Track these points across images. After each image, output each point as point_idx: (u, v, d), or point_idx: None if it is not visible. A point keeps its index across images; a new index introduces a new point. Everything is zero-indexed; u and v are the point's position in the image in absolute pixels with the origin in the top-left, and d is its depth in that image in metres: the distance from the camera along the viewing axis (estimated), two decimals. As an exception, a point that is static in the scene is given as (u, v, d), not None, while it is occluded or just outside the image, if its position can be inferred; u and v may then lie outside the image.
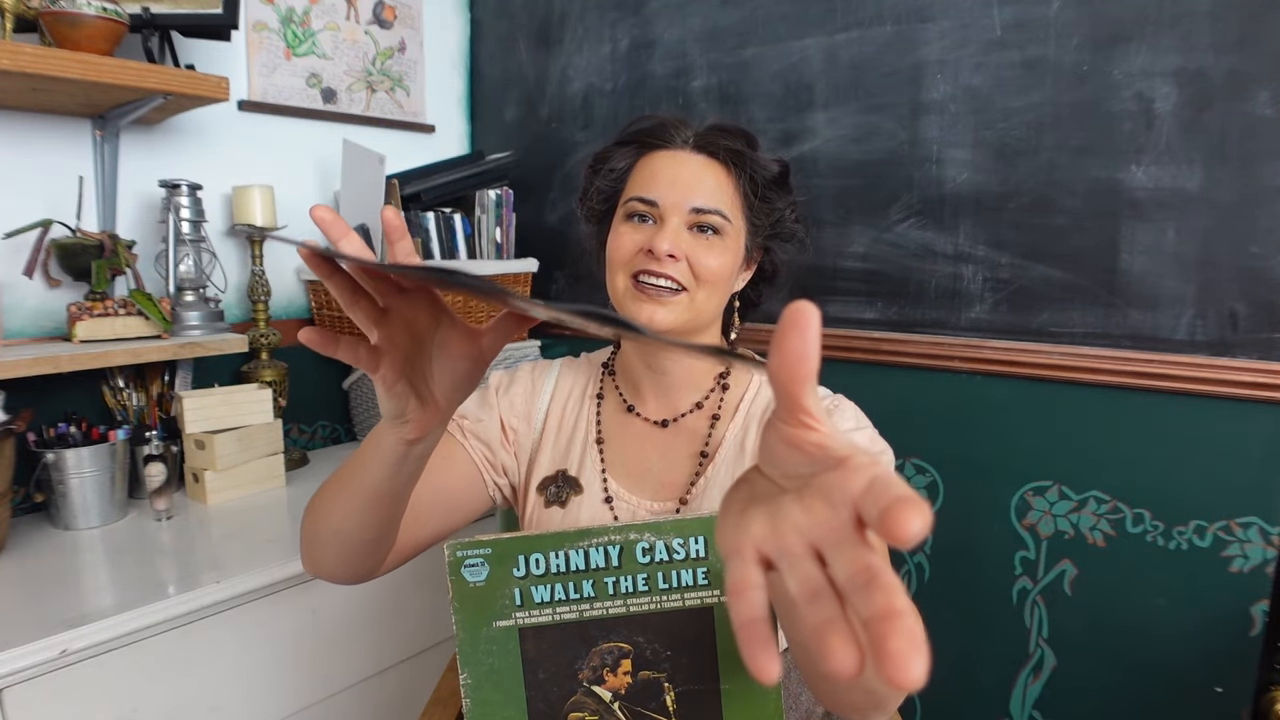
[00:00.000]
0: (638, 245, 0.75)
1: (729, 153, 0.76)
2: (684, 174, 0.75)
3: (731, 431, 0.80)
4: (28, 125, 1.28)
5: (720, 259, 0.75)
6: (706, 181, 0.75)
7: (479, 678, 0.69)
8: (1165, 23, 1.03)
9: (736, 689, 0.69)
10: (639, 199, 0.76)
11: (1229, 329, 1.03)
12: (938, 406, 1.26)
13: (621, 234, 0.77)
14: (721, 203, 0.75)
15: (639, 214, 0.76)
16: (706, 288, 0.75)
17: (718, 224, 0.75)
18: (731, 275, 0.78)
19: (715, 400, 0.82)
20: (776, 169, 0.79)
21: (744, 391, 0.83)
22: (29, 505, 1.24)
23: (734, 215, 0.76)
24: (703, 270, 0.74)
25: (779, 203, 0.79)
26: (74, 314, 1.24)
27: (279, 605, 1.09)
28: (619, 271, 0.76)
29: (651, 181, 0.76)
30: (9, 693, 0.86)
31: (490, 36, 1.91)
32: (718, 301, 0.77)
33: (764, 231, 0.80)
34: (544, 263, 1.76)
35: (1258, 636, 1.04)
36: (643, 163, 0.78)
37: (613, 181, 0.80)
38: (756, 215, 0.78)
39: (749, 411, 0.81)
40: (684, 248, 0.74)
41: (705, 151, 0.77)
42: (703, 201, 0.74)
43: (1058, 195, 1.13)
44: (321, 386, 1.71)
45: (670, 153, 0.77)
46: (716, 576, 0.69)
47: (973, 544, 1.25)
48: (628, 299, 0.75)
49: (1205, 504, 1.06)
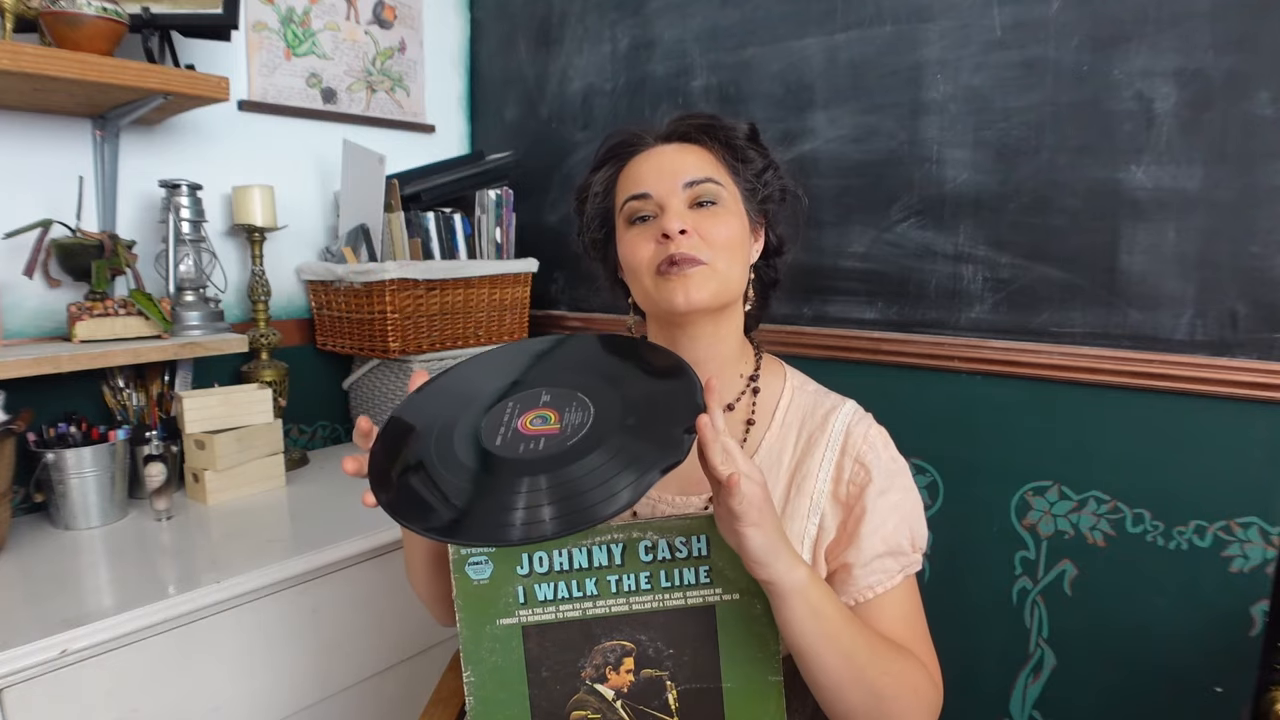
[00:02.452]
0: (650, 240, 0.76)
1: (698, 129, 0.79)
2: (666, 162, 0.78)
3: (769, 440, 0.80)
4: (28, 125, 1.28)
5: (727, 224, 0.76)
6: (688, 159, 0.78)
7: (482, 675, 0.69)
8: (1165, 23, 1.03)
9: (738, 688, 0.69)
10: (634, 197, 0.78)
11: (1229, 329, 1.03)
12: (938, 406, 1.26)
13: (631, 239, 0.78)
14: (709, 171, 0.77)
15: (639, 214, 0.78)
16: (725, 255, 0.75)
17: (714, 192, 0.77)
18: (744, 241, 0.79)
19: (748, 404, 0.82)
20: (746, 128, 0.82)
21: (778, 399, 0.82)
22: (29, 505, 1.24)
23: (725, 180, 0.78)
24: (715, 238, 0.75)
25: (759, 160, 0.81)
26: (74, 314, 1.24)
27: (279, 605, 1.09)
28: (643, 274, 0.77)
29: (638, 180, 0.78)
30: (9, 693, 0.86)
31: (490, 36, 1.91)
32: (740, 270, 0.78)
33: (757, 192, 0.81)
34: (544, 263, 1.76)
35: (1258, 636, 1.04)
36: (624, 172, 0.81)
37: (602, 202, 0.83)
38: (744, 177, 0.80)
39: (785, 420, 0.81)
40: (691, 222, 0.75)
41: (676, 138, 0.80)
42: (692, 174, 0.76)
43: (1058, 195, 1.13)
44: (321, 386, 1.71)
45: (645, 153, 0.80)
46: (718, 575, 0.69)
47: (973, 544, 1.25)
48: (658, 290, 0.76)
49: (1205, 504, 1.06)
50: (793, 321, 1.40)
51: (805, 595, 0.62)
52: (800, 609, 0.62)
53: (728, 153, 0.79)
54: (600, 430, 0.61)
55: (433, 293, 1.57)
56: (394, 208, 1.58)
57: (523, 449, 0.61)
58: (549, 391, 0.67)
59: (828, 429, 0.78)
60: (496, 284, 1.69)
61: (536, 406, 0.65)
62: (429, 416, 0.67)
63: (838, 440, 0.78)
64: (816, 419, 0.80)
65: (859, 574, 0.74)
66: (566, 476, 0.58)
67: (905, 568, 0.75)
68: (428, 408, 0.68)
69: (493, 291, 1.69)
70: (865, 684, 0.65)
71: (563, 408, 0.64)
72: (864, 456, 0.76)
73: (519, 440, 0.62)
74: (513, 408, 0.66)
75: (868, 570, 0.74)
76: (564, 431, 0.62)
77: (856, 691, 0.65)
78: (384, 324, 1.51)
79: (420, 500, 0.59)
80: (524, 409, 0.65)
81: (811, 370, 0.88)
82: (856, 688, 0.65)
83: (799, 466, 0.78)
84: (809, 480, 0.77)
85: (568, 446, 0.60)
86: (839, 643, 0.64)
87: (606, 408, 0.63)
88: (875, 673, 0.66)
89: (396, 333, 1.52)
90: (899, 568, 0.74)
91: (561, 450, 0.60)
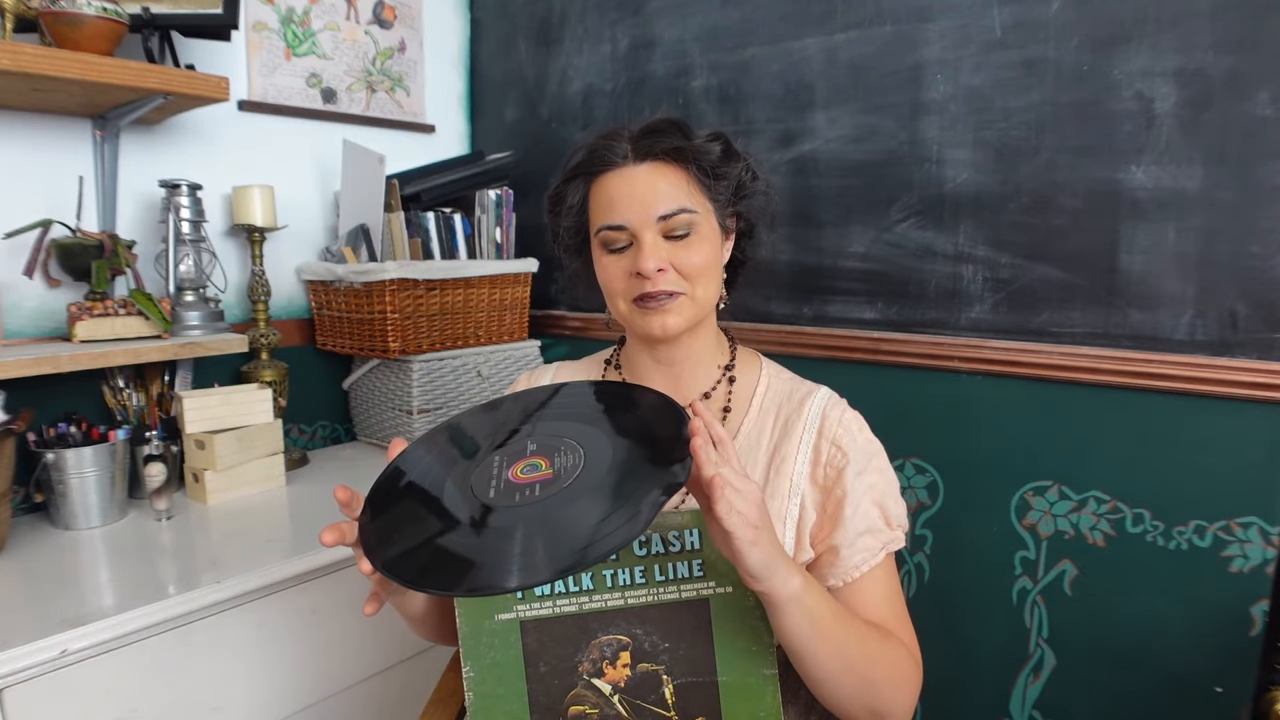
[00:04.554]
0: (625, 271, 0.78)
1: (669, 152, 0.78)
2: (638, 189, 0.77)
3: (747, 426, 0.83)
4: (28, 125, 1.29)
5: (702, 252, 0.78)
6: (660, 187, 0.77)
7: (481, 671, 0.70)
8: (1165, 23, 1.03)
9: (734, 681, 0.69)
10: (609, 227, 0.78)
11: (1229, 329, 1.03)
12: (938, 406, 1.26)
13: (606, 266, 0.80)
14: (683, 200, 0.77)
15: (615, 244, 0.79)
16: (701, 281, 0.78)
17: (688, 222, 0.77)
18: (718, 260, 0.82)
19: (724, 392, 0.85)
20: (718, 148, 0.80)
21: (754, 386, 0.85)
22: (29, 505, 1.24)
23: (698, 204, 0.78)
24: (690, 269, 0.77)
25: (732, 172, 0.81)
26: (74, 314, 1.24)
27: (279, 605, 1.09)
28: (618, 299, 0.80)
29: (611, 208, 0.78)
30: (9, 693, 0.86)
31: (490, 36, 1.91)
32: (715, 286, 0.81)
33: (730, 202, 0.82)
34: (544, 263, 1.76)
35: (1258, 636, 1.04)
36: (596, 189, 0.80)
37: (576, 216, 0.83)
38: (717, 193, 0.80)
39: (762, 407, 0.83)
40: (666, 257, 0.76)
41: (649, 159, 0.78)
42: (665, 207, 0.76)
43: (1058, 195, 1.13)
44: (321, 386, 1.71)
45: (617, 172, 0.79)
46: (711, 568, 0.70)
47: (973, 544, 1.25)
48: (635, 318, 0.80)
49: (1205, 504, 1.06)
50: (793, 321, 1.40)
51: (801, 603, 0.63)
52: (795, 615, 0.63)
53: (700, 172, 0.78)
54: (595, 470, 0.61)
55: (433, 293, 1.57)
56: (394, 208, 1.58)
57: (518, 497, 0.61)
58: (534, 441, 0.67)
59: (804, 413, 0.81)
60: (496, 284, 1.69)
61: (524, 456, 0.65)
62: (416, 479, 0.67)
63: (814, 424, 0.80)
64: (793, 403, 0.82)
65: (845, 554, 0.76)
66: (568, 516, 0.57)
67: (886, 545, 0.77)
68: (413, 470, 0.68)
69: (493, 291, 1.69)
70: (856, 673, 0.68)
71: (552, 454, 0.64)
72: (840, 440, 0.78)
73: (513, 489, 0.62)
74: (499, 461, 0.65)
75: (853, 550, 0.76)
76: (558, 475, 0.62)
77: (848, 680, 0.68)
78: (384, 324, 1.51)
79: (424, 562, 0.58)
80: (511, 460, 0.65)
81: (811, 370, 0.88)
82: (848, 677, 0.68)
83: (777, 449, 0.80)
84: (787, 462, 0.79)
85: (565, 488, 0.60)
86: (831, 640, 0.66)
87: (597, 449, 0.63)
88: (865, 662, 0.68)
89: (396, 333, 1.52)
90: (880, 545, 0.77)
91: (559, 491, 0.60)
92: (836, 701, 0.70)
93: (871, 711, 0.70)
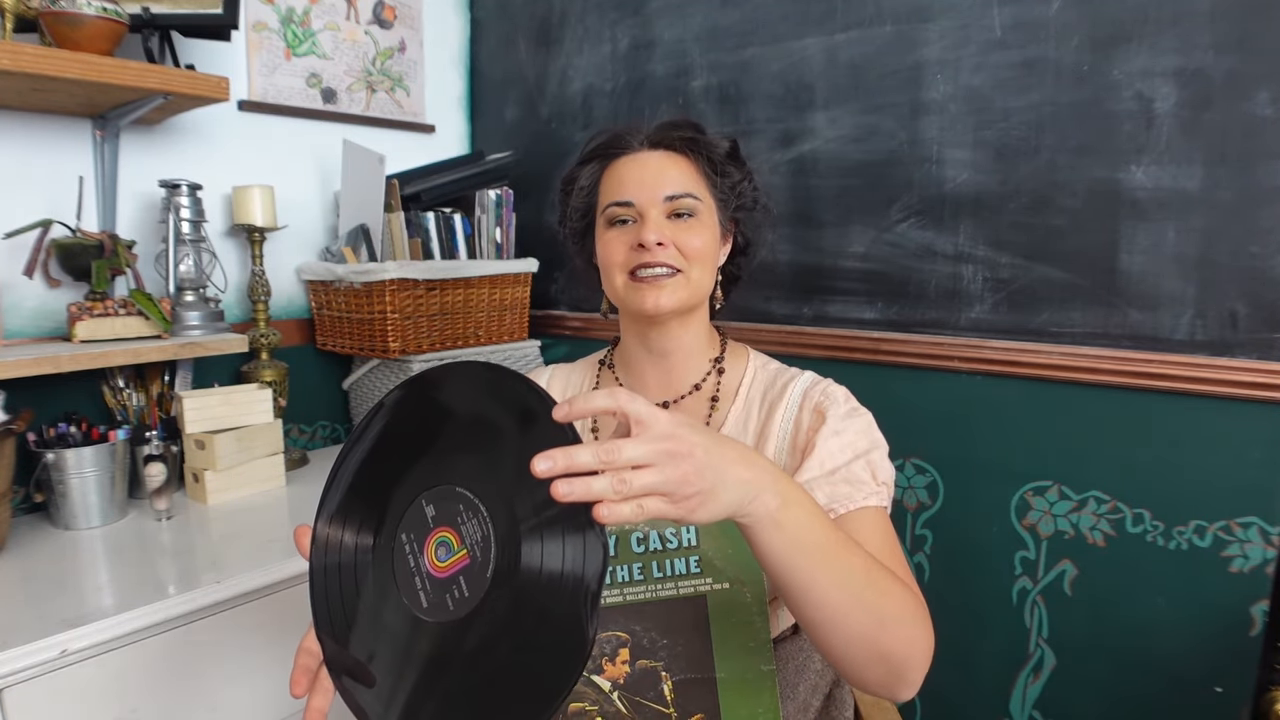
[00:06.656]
0: (627, 244, 0.81)
1: (683, 141, 0.83)
2: (649, 171, 0.82)
3: (734, 414, 0.84)
4: (28, 125, 1.28)
5: (702, 236, 0.81)
6: (671, 172, 0.82)
7: None
8: (1165, 23, 1.03)
9: (732, 677, 0.70)
10: (616, 203, 0.82)
11: (1229, 329, 1.03)
12: (938, 406, 1.26)
13: (609, 239, 0.83)
14: (689, 186, 0.82)
15: (620, 218, 0.82)
16: (698, 265, 0.81)
17: (692, 206, 0.81)
18: (715, 249, 0.84)
19: (713, 383, 0.87)
20: (727, 145, 0.86)
21: (741, 376, 0.87)
22: (29, 505, 1.24)
23: (703, 195, 0.83)
24: (690, 249, 0.80)
25: (736, 174, 0.86)
26: (74, 314, 1.24)
27: (279, 605, 1.09)
28: (616, 273, 0.82)
29: (622, 186, 0.82)
30: (9, 693, 0.86)
31: (490, 36, 1.91)
32: (709, 276, 0.84)
33: (731, 204, 0.86)
34: (544, 263, 1.76)
35: (1258, 636, 1.04)
36: (609, 172, 0.85)
37: (586, 197, 0.87)
38: (720, 190, 0.85)
39: (748, 395, 0.85)
40: (669, 234, 0.80)
41: (662, 146, 0.83)
42: (673, 189, 0.81)
43: (1058, 195, 1.13)
44: (321, 386, 1.71)
45: (631, 156, 0.84)
46: (708, 565, 0.70)
47: (973, 544, 1.25)
48: (629, 293, 0.81)
49: (1205, 504, 1.06)
50: (793, 321, 1.40)
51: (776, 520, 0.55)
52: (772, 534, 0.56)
53: (708, 166, 0.83)
54: (506, 540, 0.52)
55: (433, 293, 1.57)
56: (394, 208, 1.58)
57: (452, 605, 0.53)
58: (427, 499, 0.56)
59: (787, 395, 0.83)
60: (496, 284, 1.69)
61: (430, 530, 0.55)
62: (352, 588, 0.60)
63: (796, 401, 0.82)
64: (777, 389, 0.84)
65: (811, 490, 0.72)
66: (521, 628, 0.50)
67: (867, 496, 0.73)
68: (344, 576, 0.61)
69: (493, 291, 1.69)
70: (864, 607, 0.59)
71: (454, 520, 0.54)
72: (821, 405, 0.80)
73: (442, 591, 0.54)
74: (410, 545, 0.56)
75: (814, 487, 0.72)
76: (474, 557, 0.53)
77: (855, 618, 0.59)
78: (384, 324, 1.51)
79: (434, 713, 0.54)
80: (420, 540, 0.56)
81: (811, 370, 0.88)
82: (855, 613, 0.59)
83: (762, 431, 0.82)
84: (770, 441, 0.81)
85: (489, 577, 0.52)
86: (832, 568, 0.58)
87: (497, 504, 0.53)
88: (874, 593, 0.60)
89: (396, 333, 1.52)
90: (860, 496, 0.72)
91: (488, 588, 0.51)
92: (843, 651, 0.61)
93: (883, 658, 0.61)
